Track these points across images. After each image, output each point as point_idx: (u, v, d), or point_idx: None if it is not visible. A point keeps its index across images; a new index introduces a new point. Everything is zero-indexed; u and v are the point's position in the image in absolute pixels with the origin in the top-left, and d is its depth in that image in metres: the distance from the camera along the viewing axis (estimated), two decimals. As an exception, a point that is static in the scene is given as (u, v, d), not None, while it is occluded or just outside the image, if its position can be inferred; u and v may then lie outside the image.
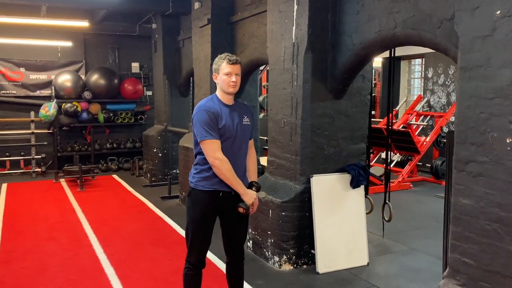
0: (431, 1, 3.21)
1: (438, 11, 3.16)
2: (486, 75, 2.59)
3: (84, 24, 7.67)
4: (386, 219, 4.90)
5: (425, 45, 3.38)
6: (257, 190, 3.07)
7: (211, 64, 6.17)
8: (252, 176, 3.14)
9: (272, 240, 4.39)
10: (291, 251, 4.29)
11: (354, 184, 4.37)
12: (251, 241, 4.73)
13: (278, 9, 4.54)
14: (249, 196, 2.96)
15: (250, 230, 4.70)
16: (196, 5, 6.49)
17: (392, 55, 4.78)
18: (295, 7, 4.26)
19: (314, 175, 4.27)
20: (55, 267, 4.39)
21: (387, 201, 4.88)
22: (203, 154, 2.96)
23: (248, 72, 6.02)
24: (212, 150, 2.87)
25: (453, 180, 2.83)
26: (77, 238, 5.30)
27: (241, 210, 2.94)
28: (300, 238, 4.31)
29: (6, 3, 7.22)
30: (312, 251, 4.33)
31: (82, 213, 6.35)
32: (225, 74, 2.93)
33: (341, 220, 4.37)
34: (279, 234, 4.31)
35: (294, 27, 4.29)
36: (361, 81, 4.51)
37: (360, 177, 4.38)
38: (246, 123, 3.05)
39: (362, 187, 4.49)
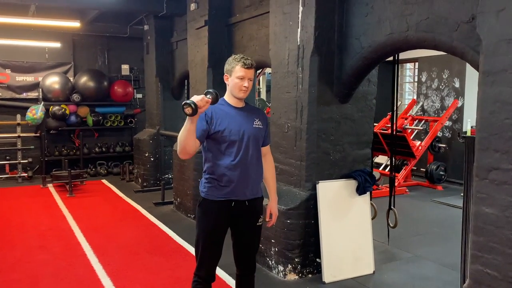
0: (447, 3, 3.12)
1: (454, 13, 3.07)
2: (511, 80, 2.50)
3: (75, 24, 7.44)
4: (391, 225, 4.80)
5: (440, 49, 3.28)
6: (214, 100, 2.61)
7: (208, 67, 6.07)
8: (271, 188, 3.00)
9: (276, 249, 4.25)
10: (296, 260, 4.16)
11: (361, 191, 4.27)
12: (253, 250, 4.58)
13: (281, 11, 4.42)
14: (196, 96, 2.56)
15: (252, 238, 4.55)
16: (192, 6, 6.33)
17: (397, 59, 4.71)
18: (301, 8, 4.14)
19: (320, 181, 4.15)
20: (49, 278, 4.18)
21: (392, 207, 4.79)
22: (210, 161, 2.81)
23: (247, 75, 5.87)
24: None
25: (474, 188, 2.73)
26: (70, 246, 5.08)
27: (187, 110, 2.47)
28: (306, 247, 4.18)
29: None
30: (317, 260, 4.20)
31: (73, 220, 6.12)
32: (238, 78, 2.78)
33: (347, 227, 4.26)
34: (284, 243, 4.17)
35: (299, 29, 4.17)
36: (367, 85, 4.42)
37: (366, 184, 4.27)
38: (257, 126, 2.89)
39: (368, 193, 4.38)
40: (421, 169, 8.89)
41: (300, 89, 4.19)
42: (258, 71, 8.18)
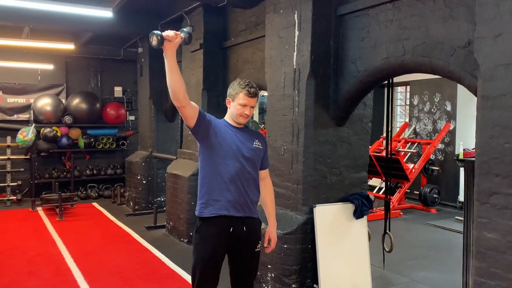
0: (443, 28, 3.16)
1: (450, 38, 3.10)
2: (510, 104, 2.51)
3: (69, 46, 7.42)
4: (387, 249, 4.75)
5: (437, 73, 3.31)
6: (187, 40, 2.56)
7: (203, 89, 6.07)
8: (271, 212, 2.96)
9: (273, 275, 4.16)
10: (293, 286, 4.07)
11: (358, 215, 4.23)
12: (248, 275, 4.48)
13: (277, 35, 4.44)
14: (169, 32, 2.45)
15: (247, 263, 4.46)
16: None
17: (391, 82, 4.74)
18: (297, 33, 4.17)
19: (317, 204, 4.10)
20: (38, 307, 4.05)
21: (387, 231, 4.74)
22: (205, 179, 2.78)
23: (241, 98, 5.88)
24: None
25: (475, 212, 2.71)
26: (60, 272, 4.94)
27: (153, 40, 2.38)
28: (303, 272, 4.10)
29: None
30: (315, 285, 4.12)
31: (63, 245, 5.97)
32: (240, 105, 2.78)
33: (344, 252, 4.20)
34: (281, 268, 4.09)
35: (295, 53, 4.19)
36: (362, 108, 4.42)
37: (363, 207, 4.24)
38: (256, 146, 2.87)
39: (365, 217, 4.34)
40: (415, 191, 8.89)
41: (297, 112, 4.18)
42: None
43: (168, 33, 2.44)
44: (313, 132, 4.11)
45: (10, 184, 8.74)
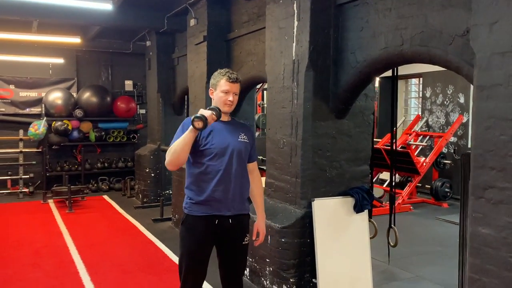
0: (442, 16, 3.04)
1: (449, 26, 2.99)
2: (506, 94, 2.40)
3: (76, 40, 7.47)
4: (392, 244, 4.66)
5: (435, 63, 3.20)
6: (217, 116, 2.63)
7: (207, 82, 6.02)
8: (259, 205, 2.91)
9: (271, 269, 4.12)
10: (291, 280, 4.02)
11: (358, 209, 4.14)
12: (248, 269, 4.45)
13: (277, 26, 4.37)
14: (200, 111, 2.59)
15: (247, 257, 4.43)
16: (192, 22, 6.33)
17: (395, 74, 4.62)
18: (296, 23, 4.09)
19: (315, 198, 4.03)
20: (38, 298, 4.09)
21: (392, 225, 4.65)
22: (193, 176, 2.74)
23: (245, 90, 5.83)
24: (167, 152, 2.64)
25: (470, 207, 2.62)
26: (63, 264, 4.99)
27: (197, 124, 2.52)
28: (301, 267, 4.04)
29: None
30: (313, 280, 4.06)
31: (69, 237, 6.04)
32: (222, 92, 2.73)
33: (344, 246, 4.12)
34: (279, 262, 4.05)
35: (294, 44, 4.11)
36: (364, 100, 4.32)
37: (364, 201, 4.14)
38: (242, 140, 2.82)
39: (366, 211, 4.26)
40: (426, 185, 8.72)
41: (295, 104, 4.11)
42: (258, 86, 8.13)
43: (208, 117, 2.55)
44: (312, 124, 4.03)
45: (23, 176, 8.88)
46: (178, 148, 2.58)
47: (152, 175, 8.27)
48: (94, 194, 9.14)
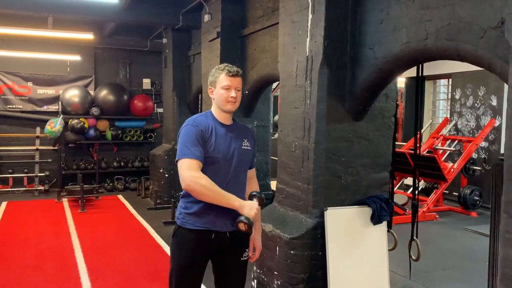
0: (472, 6, 2.66)
1: (480, 17, 2.61)
2: (548, 95, 2.03)
3: (88, 36, 7.34)
4: (414, 258, 4.26)
5: (463, 59, 2.82)
6: (260, 203, 2.44)
7: (220, 80, 5.75)
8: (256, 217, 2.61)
9: (279, 282, 3.80)
10: (300, 295, 3.70)
11: (375, 220, 3.78)
12: (255, 281, 4.16)
13: (291, 19, 4.05)
14: (249, 207, 2.34)
15: (254, 268, 4.13)
16: (206, 17, 6.08)
17: (420, 73, 4.23)
18: (310, 16, 3.76)
19: (328, 207, 3.69)
20: (33, 304, 3.90)
21: (414, 237, 4.25)
22: None
23: (260, 89, 5.54)
24: (187, 168, 2.31)
25: (502, 226, 2.24)
26: (65, 268, 4.81)
27: (242, 226, 2.31)
28: (312, 281, 3.71)
29: (12, 14, 6.98)
30: (324, 296, 3.73)
31: (77, 238, 5.88)
32: (223, 88, 2.43)
33: (359, 261, 3.77)
34: (287, 276, 3.73)
35: (308, 39, 3.78)
36: (384, 101, 3.95)
37: (382, 212, 3.78)
38: (246, 147, 2.54)
39: (385, 222, 3.89)
40: (454, 193, 8.22)
41: (308, 104, 3.78)
42: (274, 86, 7.81)
43: (253, 216, 2.34)
44: (326, 127, 3.70)
45: (38, 174, 8.83)
46: (210, 195, 2.32)
47: (166, 175, 8.08)
48: (109, 194, 9.02)
